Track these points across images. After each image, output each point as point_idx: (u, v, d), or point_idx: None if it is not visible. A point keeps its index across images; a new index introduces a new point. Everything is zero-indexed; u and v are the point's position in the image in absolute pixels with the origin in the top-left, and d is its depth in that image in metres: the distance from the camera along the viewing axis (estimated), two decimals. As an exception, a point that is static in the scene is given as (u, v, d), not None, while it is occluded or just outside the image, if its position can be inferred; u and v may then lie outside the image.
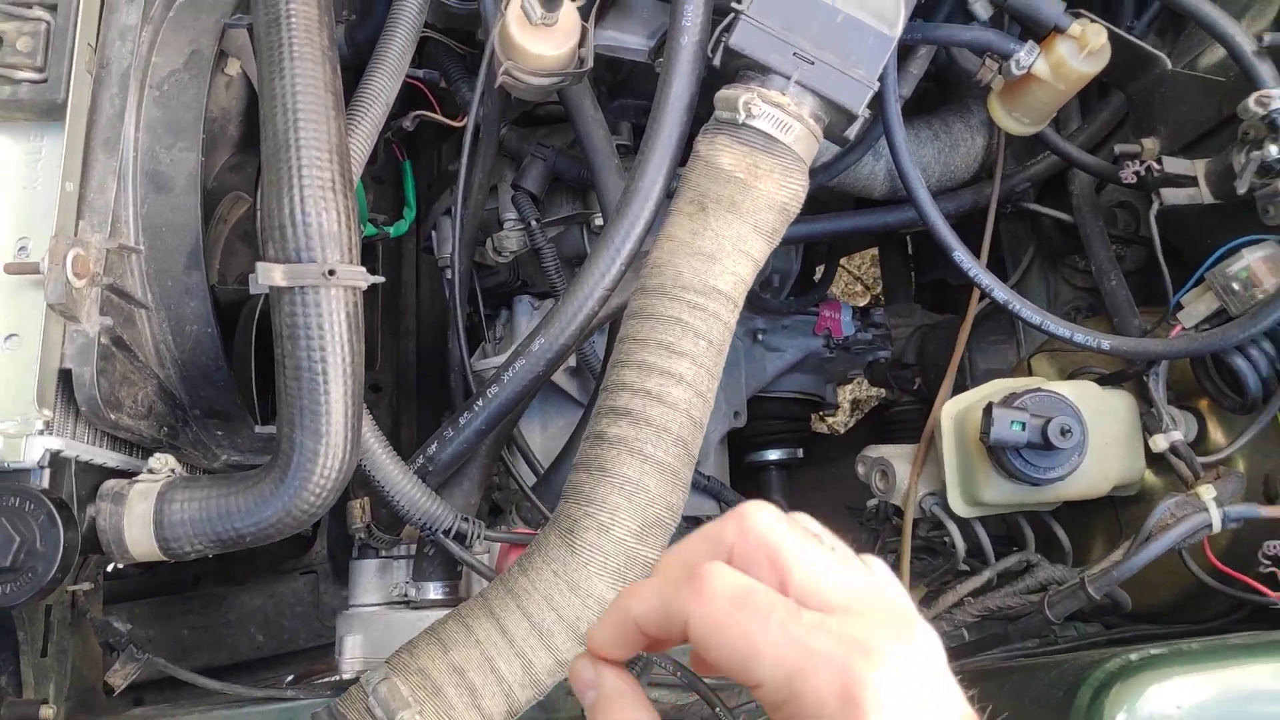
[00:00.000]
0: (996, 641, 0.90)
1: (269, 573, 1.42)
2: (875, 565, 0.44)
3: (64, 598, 1.04)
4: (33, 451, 0.74)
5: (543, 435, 1.30)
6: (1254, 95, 0.83)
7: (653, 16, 1.12)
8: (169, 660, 1.12)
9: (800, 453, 1.60)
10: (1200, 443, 1.00)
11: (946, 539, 0.97)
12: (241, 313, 1.03)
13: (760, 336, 1.44)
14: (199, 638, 1.33)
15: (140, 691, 1.19)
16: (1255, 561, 0.85)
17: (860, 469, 1.07)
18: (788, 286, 1.45)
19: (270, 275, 0.78)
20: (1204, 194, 0.89)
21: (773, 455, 1.57)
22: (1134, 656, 0.73)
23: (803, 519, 0.45)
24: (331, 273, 0.78)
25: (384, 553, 1.01)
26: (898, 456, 1.03)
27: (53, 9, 0.79)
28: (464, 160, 1.15)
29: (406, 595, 1.00)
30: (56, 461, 0.76)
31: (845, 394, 2.34)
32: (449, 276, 1.28)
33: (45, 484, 0.75)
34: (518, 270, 1.32)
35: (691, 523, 1.36)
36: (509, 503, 1.22)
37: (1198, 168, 0.90)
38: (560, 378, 1.26)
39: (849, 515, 1.59)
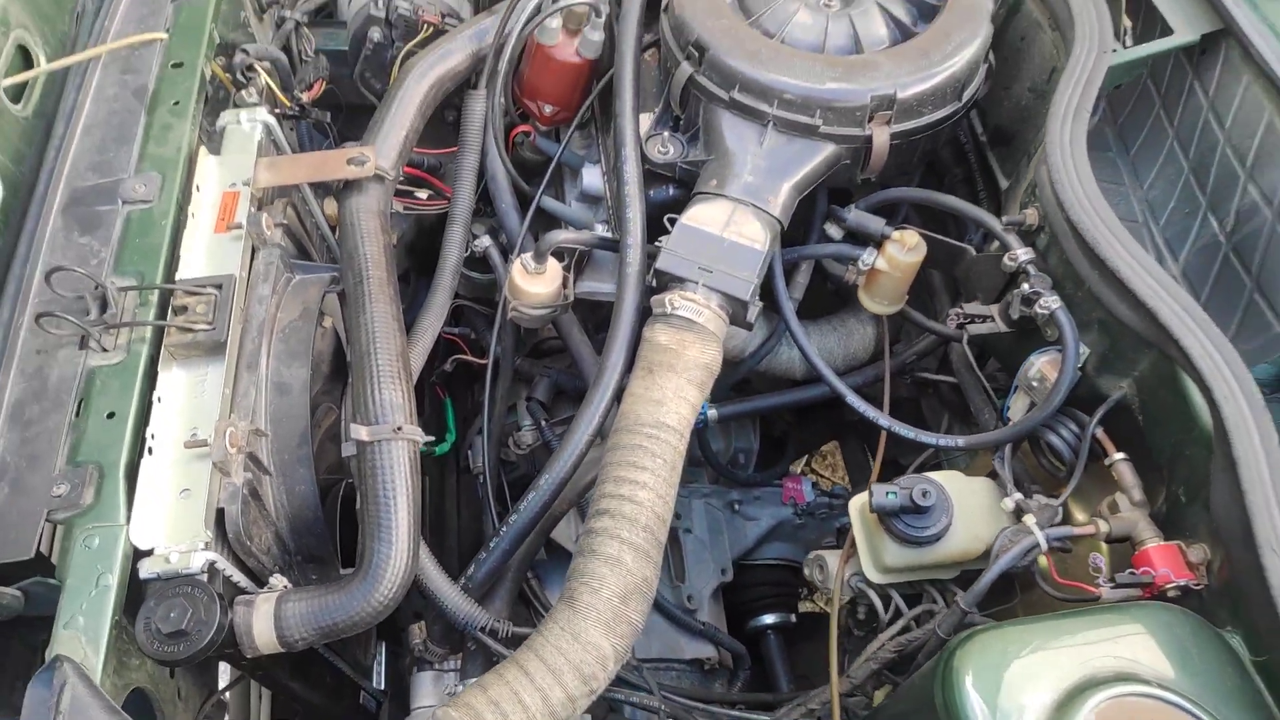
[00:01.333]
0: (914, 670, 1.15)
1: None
2: None
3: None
4: (197, 561, 1.07)
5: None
6: (1006, 255, 1.24)
7: (616, 268, 1.58)
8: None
9: (793, 618, 1.85)
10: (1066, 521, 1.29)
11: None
12: (330, 494, 1.39)
13: (737, 507, 1.76)
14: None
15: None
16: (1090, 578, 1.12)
17: (805, 571, 1.36)
18: (752, 462, 1.80)
19: (359, 433, 1.16)
20: (999, 325, 1.27)
21: (768, 619, 1.82)
22: (978, 626, 1.00)
23: None
24: (399, 429, 1.16)
25: (437, 666, 1.29)
26: (831, 554, 1.32)
27: (219, 287, 1.24)
28: (489, 380, 1.56)
29: (455, 694, 1.26)
30: (212, 571, 1.09)
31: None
32: (481, 479, 1.65)
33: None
34: (534, 463, 1.68)
35: (694, 666, 1.61)
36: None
37: (993, 309, 1.29)
38: (571, 546, 1.58)
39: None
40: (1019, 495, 1.19)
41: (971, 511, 1.22)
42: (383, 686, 1.74)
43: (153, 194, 1.33)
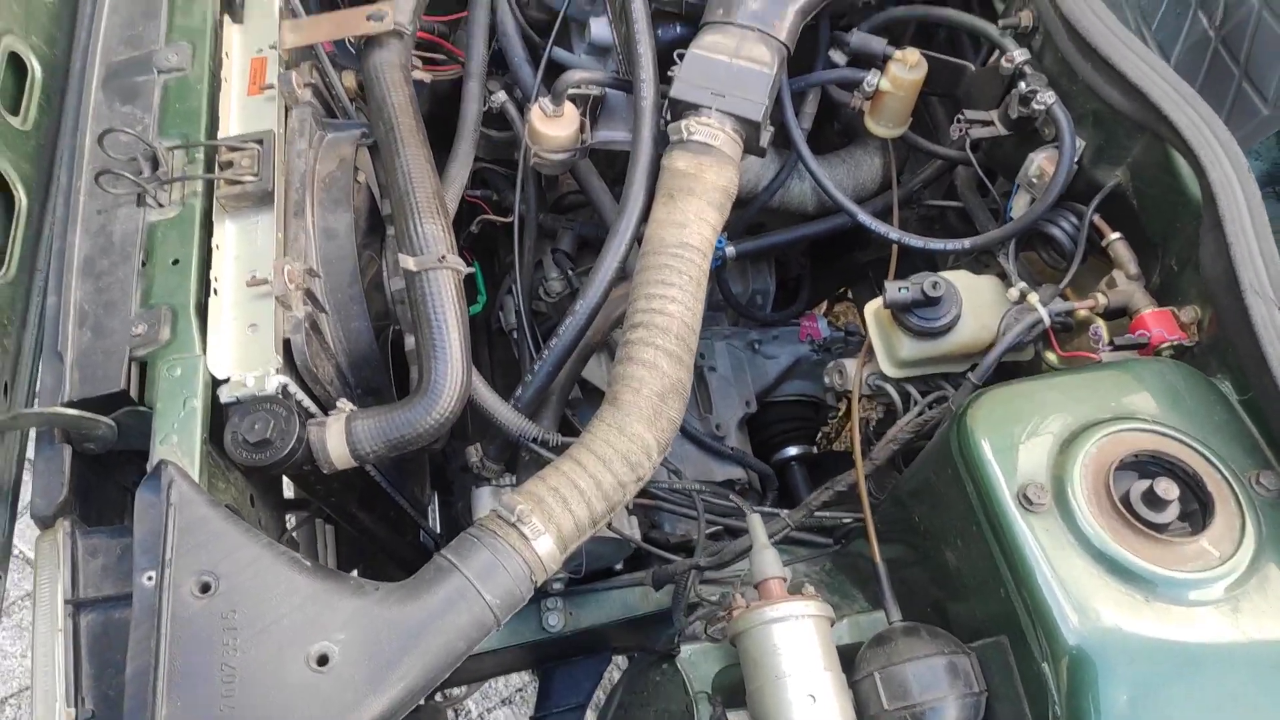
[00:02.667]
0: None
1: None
2: None
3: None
4: (271, 384, 1.17)
5: (600, 432, 1.70)
6: (1003, 57, 1.30)
7: (630, 117, 1.64)
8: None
9: (815, 449, 1.97)
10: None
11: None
12: (379, 339, 1.49)
13: (758, 347, 1.86)
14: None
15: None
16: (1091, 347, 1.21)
17: (825, 379, 1.46)
18: (769, 302, 1.89)
19: (406, 263, 1.24)
20: (999, 127, 1.34)
21: (792, 451, 1.93)
22: (981, 388, 1.10)
23: None
24: (443, 258, 1.25)
25: (494, 482, 1.41)
26: (849, 360, 1.42)
27: (259, 142, 1.32)
28: (516, 235, 1.64)
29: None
30: (286, 394, 1.19)
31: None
32: (514, 336, 1.75)
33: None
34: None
35: (725, 485, 1.73)
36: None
37: (992, 115, 1.36)
38: (598, 378, 1.68)
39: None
40: (1023, 284, 1.28)
41: (980, 305, 1.31)
42: (438, 529, 1.87)
43: (185, 62, 1.40)
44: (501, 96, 1.63)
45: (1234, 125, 1.30)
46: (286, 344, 1.22)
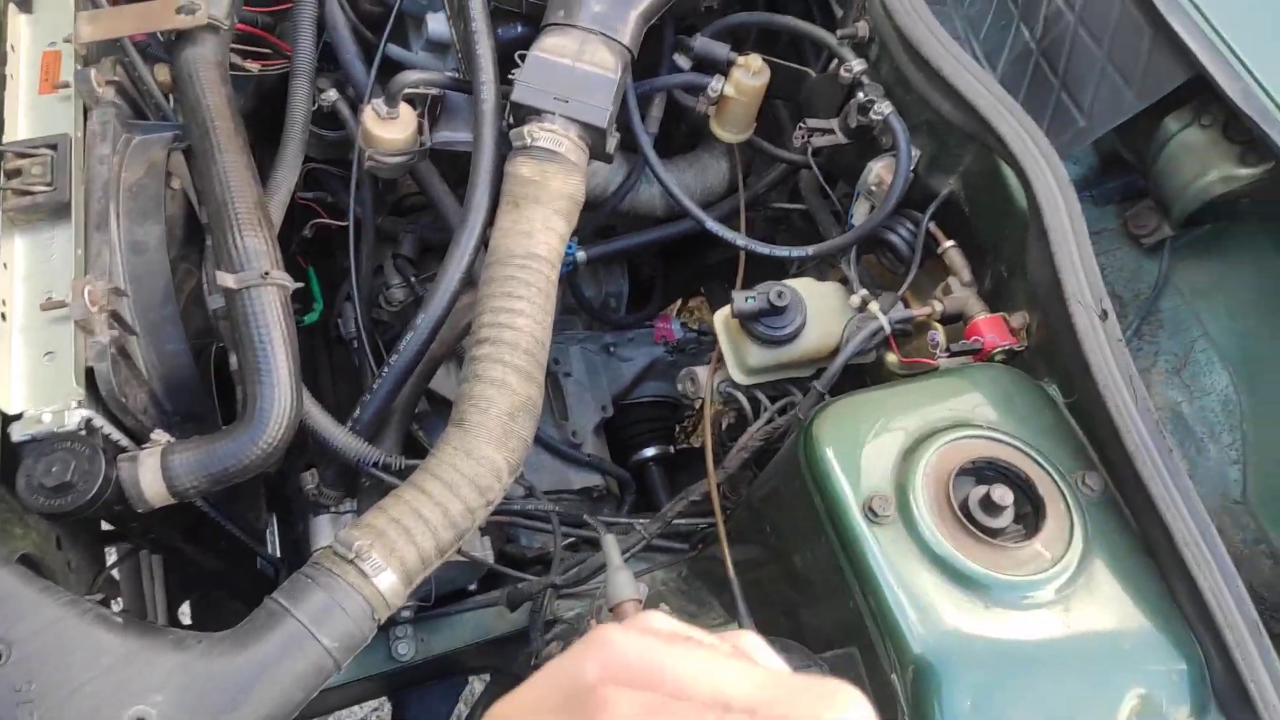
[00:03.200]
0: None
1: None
2: (750, 643, 0.42)
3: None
4: (73, 420, 1.05)
5: (450, 446, 1.63)
6: (842, 67, 1.32)
7: (471, 114, 1.57)
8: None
9: (672, 449, 1.96)
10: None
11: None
12: (200, 359, 1.37)
13: (612, 349, 1.84)
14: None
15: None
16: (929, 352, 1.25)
17: (678, 386, 1.45)
18: (623, 304, 1.87)
19: (225, 281, 1.15)
20: (840, 136, 1.36)
21: (649, 452, 1.92)
22: (827, 399, 1.11)
23: (657, 619, 0.41)
24: (266, 274, 1.16)
25: (333, 509, 1.33)
26: (700, 368, 1.42)
27: (53, 147, 1.19)
28: (351, 241, 1.55)
29: (355, 531, 1.30)
30: (90, 429, 1.08)
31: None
32: (354, 345, 1.66)
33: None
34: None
35: (583, 495, 1.70)
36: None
37: (833, 123, 1.38)
38: (446, 389, 1.62)
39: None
40: (864, 292, 1.30)
41: (824, 312, 1.33)
42: (278, 554, 1.76)
43: (-40, 55, 1.24)
44: (333, 95, 1.54)
45: (1054, 135, 1.36)
46: (90, 373, 1.10)
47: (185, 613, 1.77)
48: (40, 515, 1.04)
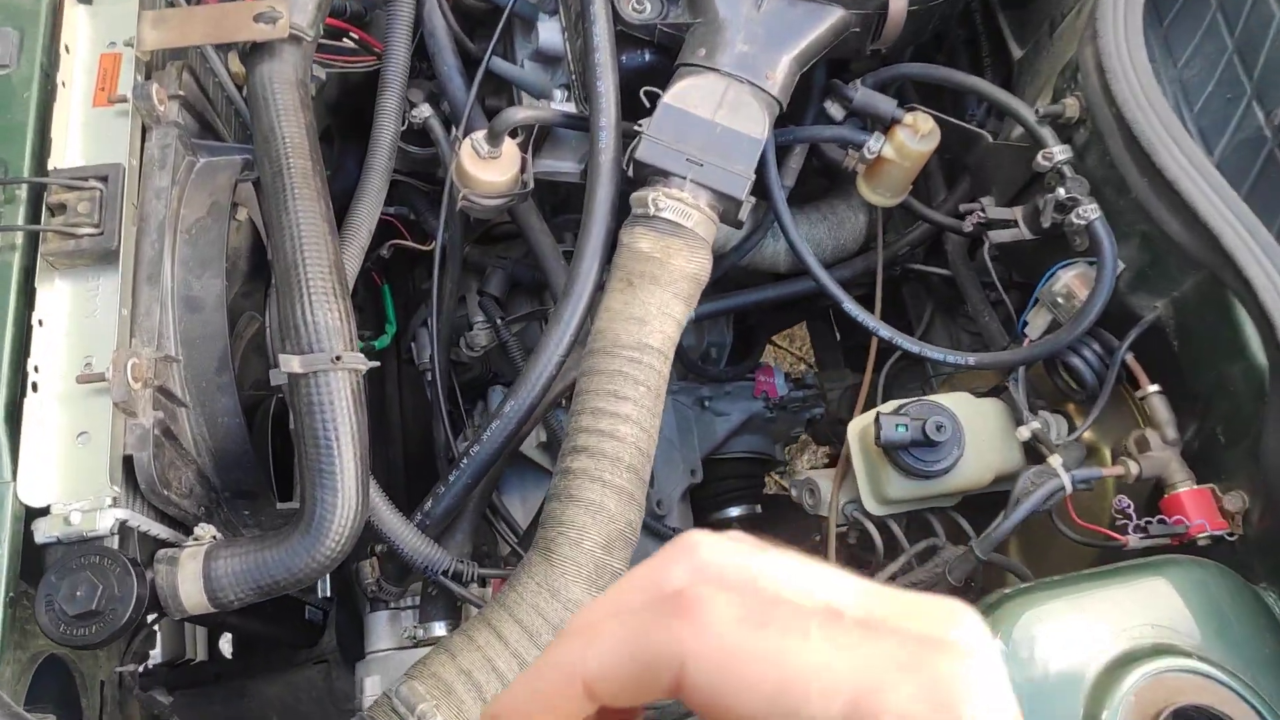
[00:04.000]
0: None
1: (284, 665, 1.56)
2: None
3: (113, 677, 1.18)
4: (105, 521, 0.91)
5: (522, 507, 1.47)
6: (1040, 153, 1.08)
7: (580, 145, 1.37)
8: (202, 744, 1.27)
9: (759, 509, 1.78)
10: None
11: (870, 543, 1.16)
12: (258, 412, 1.22)
13: (707, 404, 1.65)
14: (227, 724, 1.46)
15: (177, 776, 1.31)
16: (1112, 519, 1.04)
17: (793, 492, 1.26)
18: (724, 357, 1.67)
19: (290, 364, 0.98)
20: (1024, 232, 1.13)
21: (734, 512, 1.75)
22: (1006, 590, 0.91)
23: (740, 536, 0.35)
24: (338, 359, 0.99)
25: (393, 604, 1.18)
26: (822, 476, 1.22)
27: (104, 179, 1.01)
28: (435, 274, 1.37)
29: (415, 637, 1.15)
30: (124, 531, 0.93)
31: (803, 462, 2.53)
32: (429, 378, 1.49)
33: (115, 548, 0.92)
34: (489, 364, 1.52)
35: (662, 573, 1.53)
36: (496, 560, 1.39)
37: (1016, 212, 1.14)
38: (534, 453, 1.45)
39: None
40: (1035, 424, 1.09)
41: (981, 437, 1.12)
42: (328, 593, 1.63)
43: (9, 55, 1.07)
44: (425, 111, 1.34)
45: (1287, 250, 1.12)
46: (128, 460, 0.95)
47: (227, 647, 1.66)
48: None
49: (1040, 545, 1.16)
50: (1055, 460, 1.01)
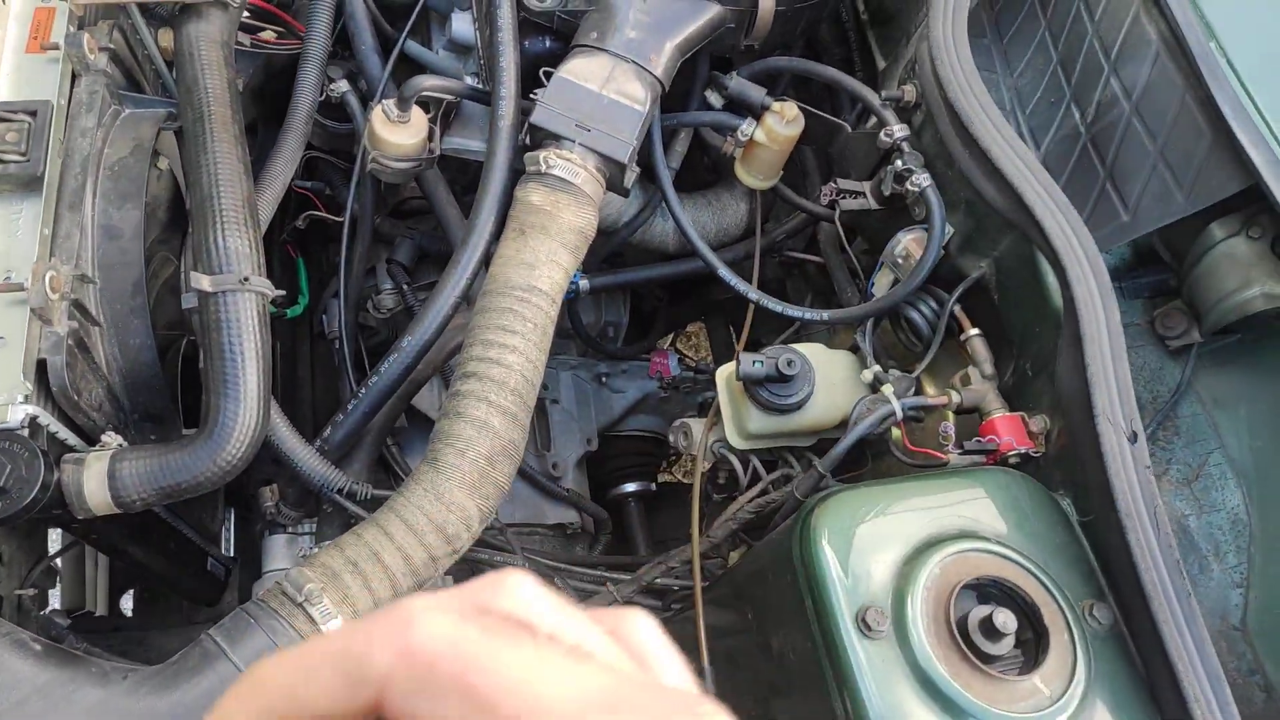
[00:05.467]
0: (772, 528, 1.19)
1: (184, 623, 1.59)
2: (635, 625, 0.32)
3: (12, 599, 1.22)
4: (16, 415, 0.98)
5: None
6: (883, 130, 1.25)
7: (487, 124, 1.49)
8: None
9: (653, 486, 1.89)
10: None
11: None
12: (170, 351, 1.29)
13: (604, 379, 1.76)
14: (121, 676, 1.48)
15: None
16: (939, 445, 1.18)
17: (670, 437, 1.37)
18: (621, 335, 1.79)
19: (200, 283, 1.07)
20: (869, 201, 1.29)
21: (630, 487, 1.85)
22: (834, 487, 1.04)
23: (515, 585, 0.31)
24: (245, 280, 1.08)
25: (290, 529, 1.25)
26: (695, 421, 1.34)
27: (32, 114, 1.10)
28: (344, 239, 1.47)
29: (310, 555, 1.22)
30: (34, 426, 1.00)
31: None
32: (338, 346, 1.57)
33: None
34: (395, 329, 1.61)
35: (557, 530, 1.63)
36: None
37: (865, 186, 1.30)
38: (435, 413, 1.54)
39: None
40: (877, 368, 1.23)
41: (832, 382, 1.25)
42: (232, 554, 1.68)
43: (-53, 2, 1.15)
44: (343, 86, 1.45)
45: (1094, 226, 1.29)
46: (41, 365, 1.02)
47: (128, 604, 1.68)
48: (-33, 519, 0.96)
49: (894, 476, 1.29)
50: (887, 389, 1.16)
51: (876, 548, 0.97)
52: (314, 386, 1.90)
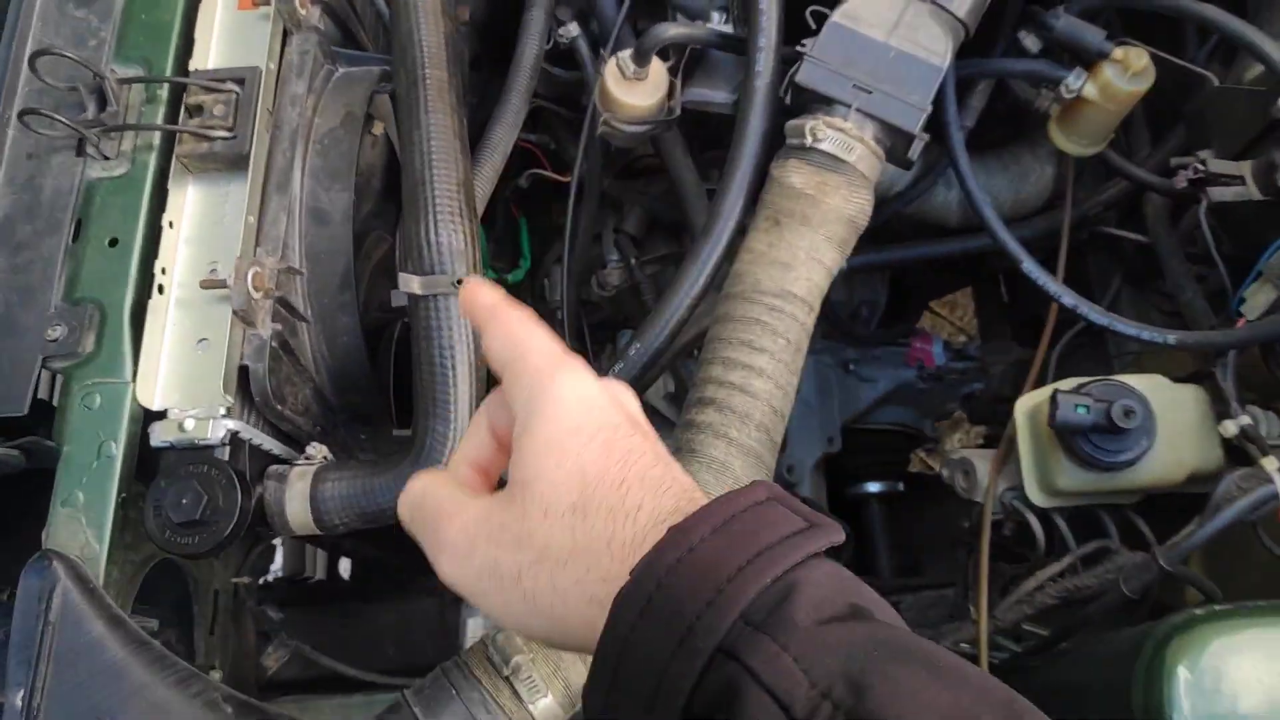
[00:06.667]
0: (1082, 623, 0.94)
1: (400, 593, 1.55)
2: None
3: (228, 587, 1.19)
4: (217, 431, 0.89)
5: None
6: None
7: (735, 74, 1.25)
8: (307, 667, 1.27)
9: (901, 486, 1.65)
10: (1284, 440, 1.02)
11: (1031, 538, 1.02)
12: (383, 336, 1.18)
13: (852, 367, 1.52)
14: (335, 648, 1.46)
15: (289, 688, 1.32)
16: (1334, 538, 0.87)
17: (944, 471, 1.13)
18: (876, 317, 1.53)
19: (409, 285, 0.93)
20: (1252, 191, 0.95)
21: (873, 488, 1.62)
22: (1199, 611, 0.77)
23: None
24: (459, 282, 0.93)
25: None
26: (979, 456, 1.08)
27: (240, 82, 0.98)
28: (570, 206, 1.30)
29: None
30: (235, 442, 0.91)
31: (953, 441, 2.36)
32: (559, 316, 1.43)
33: (226, 459, 0.90)
34: (620, 307, 1.45)
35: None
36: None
37: (1244, 168, 0.96)
38: (659, 403, 1.37)
39: (954, 552, 1.63)
40: (1245, 419, 0.92)
41: (1175, 428, 0.96)
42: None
43: (160, -45, 1.05)
44: (573, 30, 1.26)
45: None
46: (243, 371, 0.92)
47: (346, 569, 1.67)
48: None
49: (1230, 559, 0.99)
50: (1270, 464, 0.85)
51: (1251, 703, 0.71)
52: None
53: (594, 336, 1.47)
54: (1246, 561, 0.94)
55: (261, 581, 1.40)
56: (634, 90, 1.10)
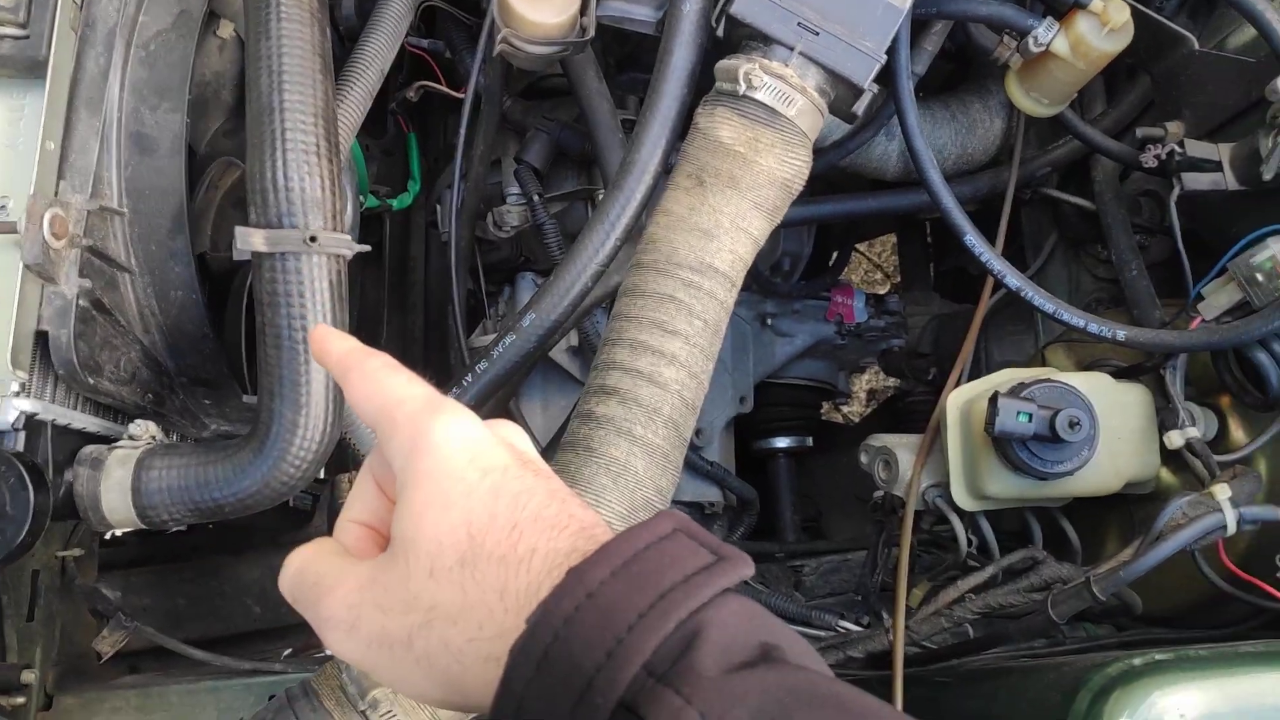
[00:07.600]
0: (998, 640, 0.87)
1: (267, 545, 1.41)
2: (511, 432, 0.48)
3: (53, 563, 1.03)
4: (6, 414, 0.72)
5: (544, 415, 1.27)
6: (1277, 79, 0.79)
7: (661, -8, 1.09)
8: (162, 630, 1.13)
9: (810, 441, 1.57)
10: (1220, 441, 0.96)
11: (950, 533, 0.94)
12: (234, 281, 1.01)
13: (769, 321, 1.41)
14: (195, 608, 1.32)
15: (136, 659, 1.18)
16: (1274, 567, 0.81)
17: (863, 458, 1.04)
18: (799, 270, 1.42)
19: (250, 240, 0.76)
20: (1228, 179, 0.85)
21: (781, 443, 1.54)
22: (1137, 661, 0.70)
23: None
24: (313, 239, 0.77)
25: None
26: (902, 446, 0.99)
27: (38, -37, 0.77)
28: (462, 130, 1.13)
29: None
30: (32, 424, 0.75)
31: (861, 383, 2.30)
32: (451, 251, 1.26)
33: (20, 446, 0.74)
34: (520, 246, 1.29)
35: (693, 509, 1.34)
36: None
37: (1222, 152, 0.86)
38: (562, 357, 1.24)
39: (858, 505, 1.57)
40: (1193, 431, 0.84)
41: (1118, 435, 0.88)
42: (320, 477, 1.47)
43: None
44: (471, -80, 1.06)
45: None
46: (41, 338, 0.75)
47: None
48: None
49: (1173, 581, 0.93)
50: (1222, 492, 0.78)
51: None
52: (427, 271, 1.62)
53: (490, 277, 1.31)
54: (1179, 581, 0.88)
55: (109, 536, 1.24)
56: (541, 4, 0.93)
